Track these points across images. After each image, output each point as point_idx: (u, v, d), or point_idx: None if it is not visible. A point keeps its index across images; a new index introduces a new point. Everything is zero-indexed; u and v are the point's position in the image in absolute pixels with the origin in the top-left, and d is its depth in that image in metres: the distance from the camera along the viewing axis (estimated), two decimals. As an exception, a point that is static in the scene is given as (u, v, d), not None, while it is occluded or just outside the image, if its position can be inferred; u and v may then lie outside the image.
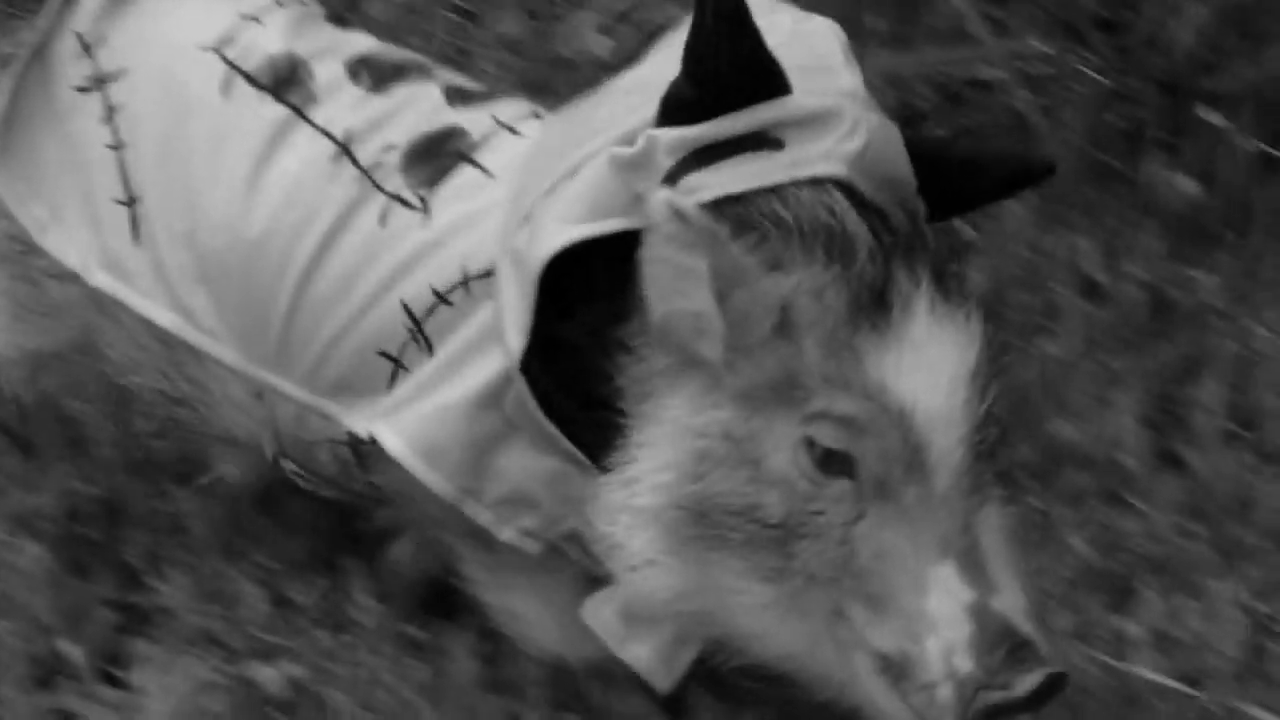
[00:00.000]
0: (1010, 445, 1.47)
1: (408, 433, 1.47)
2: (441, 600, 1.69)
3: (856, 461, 1.30)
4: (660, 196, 1.32)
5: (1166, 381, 2.15)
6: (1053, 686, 1.26)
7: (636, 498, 1.37)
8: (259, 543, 1.75)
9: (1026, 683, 1.24)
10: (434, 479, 1.46)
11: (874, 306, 1.32)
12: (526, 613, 1.58)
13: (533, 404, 1.40)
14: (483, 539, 1.50)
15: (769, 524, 1.32)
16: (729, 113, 1.34)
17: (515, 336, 1.39)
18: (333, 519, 1.74)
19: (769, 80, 1.35)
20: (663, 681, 1.44)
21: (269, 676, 1.64)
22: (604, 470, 1.40)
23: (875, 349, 1.31)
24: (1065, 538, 1.86)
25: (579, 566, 1.50)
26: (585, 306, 1.40)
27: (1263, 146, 2.49)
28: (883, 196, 1.38)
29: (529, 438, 1.44)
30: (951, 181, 1.45)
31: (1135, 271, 2.34)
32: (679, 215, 1.30)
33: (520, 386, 1.40)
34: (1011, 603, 1.29)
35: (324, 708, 1.60)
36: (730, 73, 1.34)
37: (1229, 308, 2.31)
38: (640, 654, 1.43)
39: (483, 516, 1.48)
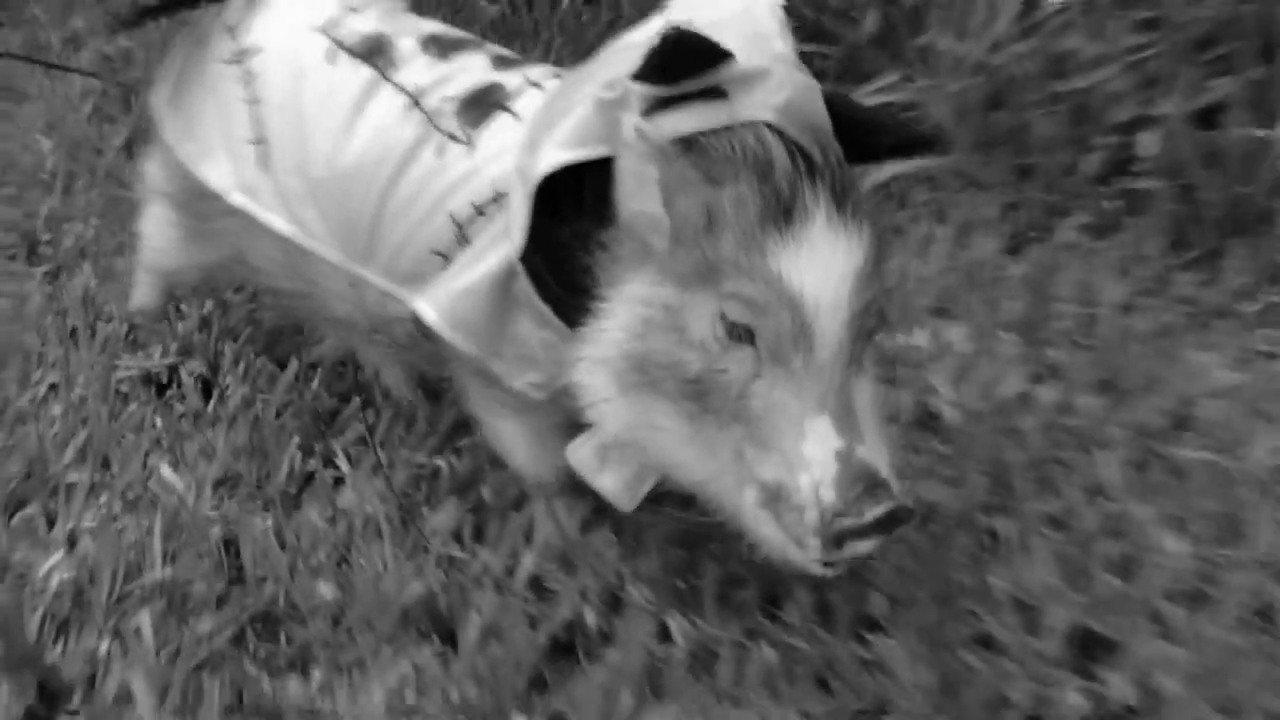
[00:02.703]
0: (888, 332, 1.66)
1: (441, 309, 1.68)
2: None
3: (756, 333, 1.46)
4: (630, 120, 1.51)
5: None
6: (897, 517, 1.42)
7: (597, 349, 1.54)
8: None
9: (874, 511, 1.40)
10: (466, 345, 1.68)
11: (781, 215, 1.46)
12: (507, 435, 1.81)
13: (529, 287, 1.62)
14: (490, 380, 1.73)
15: (688, 378, 1.49)
16: (687, 78, 1.51)
17: (517, 234, 1.60)
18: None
19: (716, 55, 1.49)
20: (626, 505, 1.64)
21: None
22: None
23: (777, 247, 1.45)
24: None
25: (562, 414, 1.67)
26: (575, 217, 1.58)
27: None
28: (805, 138, 1.51)
29: (531, 314, 1.64)
30: (859, 135, 1.56)
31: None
32: (643, 135, 1.50)
33: (520, 274, 1.62)
34: (873, 452, 1.44)
35: None
36: (689, 63, 1.50)
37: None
38: (608, 483, 1.63)
39: (499, 369, 1.69)
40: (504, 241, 1.63)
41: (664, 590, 1.72)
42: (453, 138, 1.71)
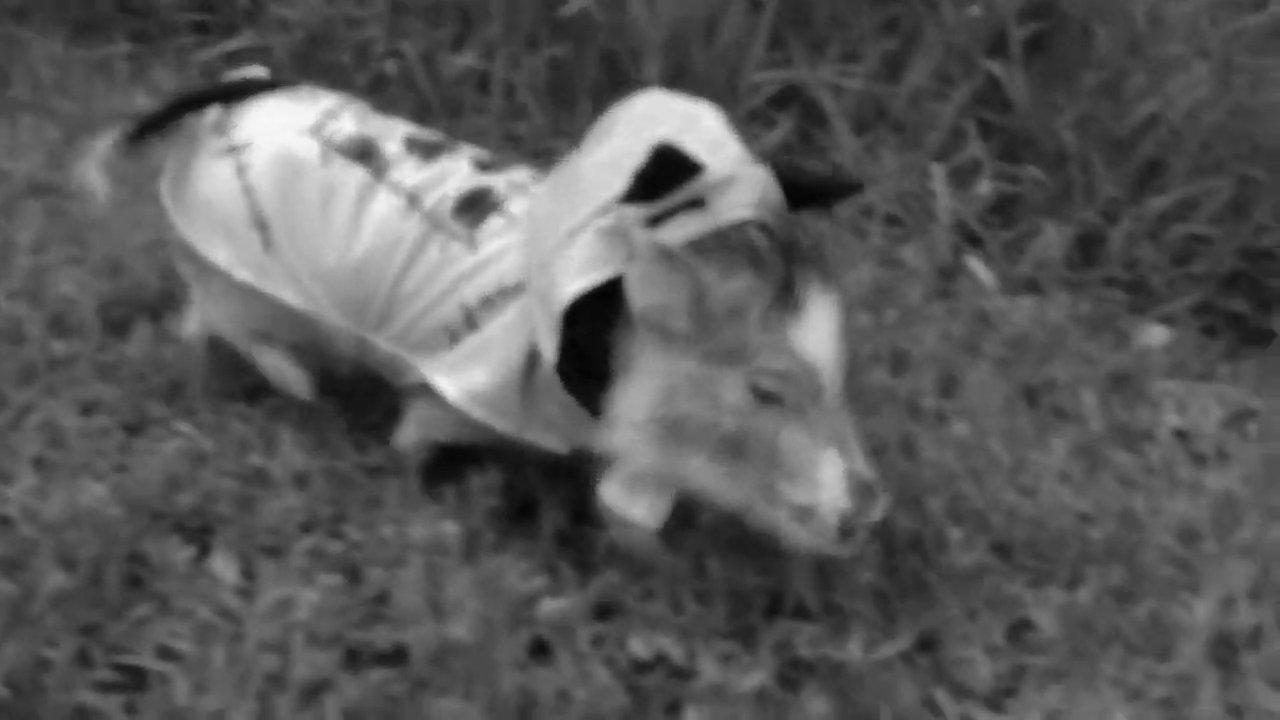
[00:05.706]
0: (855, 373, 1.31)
1: (471, 395, 1.33)
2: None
3: (783, 396, 1.20)
4: (647, 238, 1.19)
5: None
6: (885, 511, 1.24)
7: (629, 412, 1.25)
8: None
9: (875, 511, 1.22)
10: (500, 423, 1.33)
11: (787, 297, 1.20)
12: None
13: (559, 386, 1.27)
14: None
15: (726, 435, 1.21)
16: (669, 191, 1.21)
17: (549, 349, 1.26)
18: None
19: (691, 170, 1.21)
20: (654, 523, 1.31)
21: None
22: (599, 415, 1.27)
23: (790, 325, 1.20)
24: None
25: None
26: (585, 320, 1.25)
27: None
28: (769, 215, 1.22)
29: (555, 396, 1.30)
30: (803, 191, 1.27)
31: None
32: (663, 251, 1.19)
33: (552, 376, 1.27)
34: (863, 466, 1.22)
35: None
36: (671, 177, 1.21)
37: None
38: (639, 512, 1.31)
39: (530, 436, 1.34)
40: (520, 333, 1.29)
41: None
42: (454, 236, 1.34)
